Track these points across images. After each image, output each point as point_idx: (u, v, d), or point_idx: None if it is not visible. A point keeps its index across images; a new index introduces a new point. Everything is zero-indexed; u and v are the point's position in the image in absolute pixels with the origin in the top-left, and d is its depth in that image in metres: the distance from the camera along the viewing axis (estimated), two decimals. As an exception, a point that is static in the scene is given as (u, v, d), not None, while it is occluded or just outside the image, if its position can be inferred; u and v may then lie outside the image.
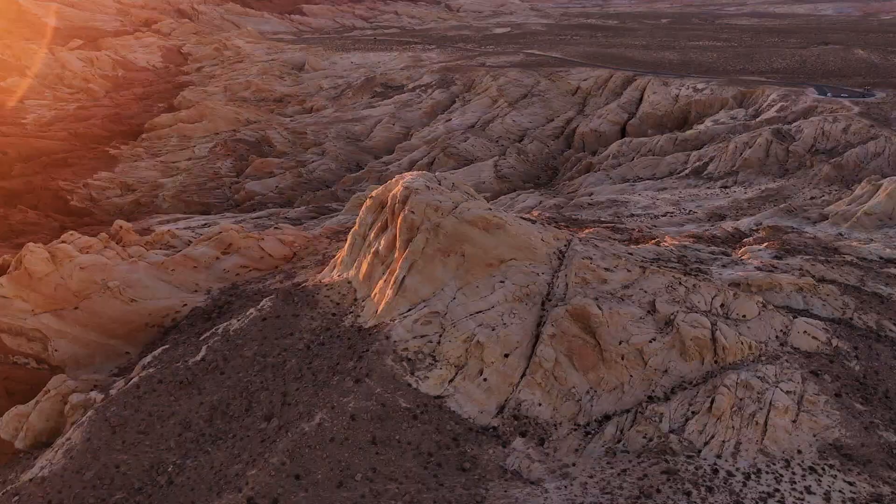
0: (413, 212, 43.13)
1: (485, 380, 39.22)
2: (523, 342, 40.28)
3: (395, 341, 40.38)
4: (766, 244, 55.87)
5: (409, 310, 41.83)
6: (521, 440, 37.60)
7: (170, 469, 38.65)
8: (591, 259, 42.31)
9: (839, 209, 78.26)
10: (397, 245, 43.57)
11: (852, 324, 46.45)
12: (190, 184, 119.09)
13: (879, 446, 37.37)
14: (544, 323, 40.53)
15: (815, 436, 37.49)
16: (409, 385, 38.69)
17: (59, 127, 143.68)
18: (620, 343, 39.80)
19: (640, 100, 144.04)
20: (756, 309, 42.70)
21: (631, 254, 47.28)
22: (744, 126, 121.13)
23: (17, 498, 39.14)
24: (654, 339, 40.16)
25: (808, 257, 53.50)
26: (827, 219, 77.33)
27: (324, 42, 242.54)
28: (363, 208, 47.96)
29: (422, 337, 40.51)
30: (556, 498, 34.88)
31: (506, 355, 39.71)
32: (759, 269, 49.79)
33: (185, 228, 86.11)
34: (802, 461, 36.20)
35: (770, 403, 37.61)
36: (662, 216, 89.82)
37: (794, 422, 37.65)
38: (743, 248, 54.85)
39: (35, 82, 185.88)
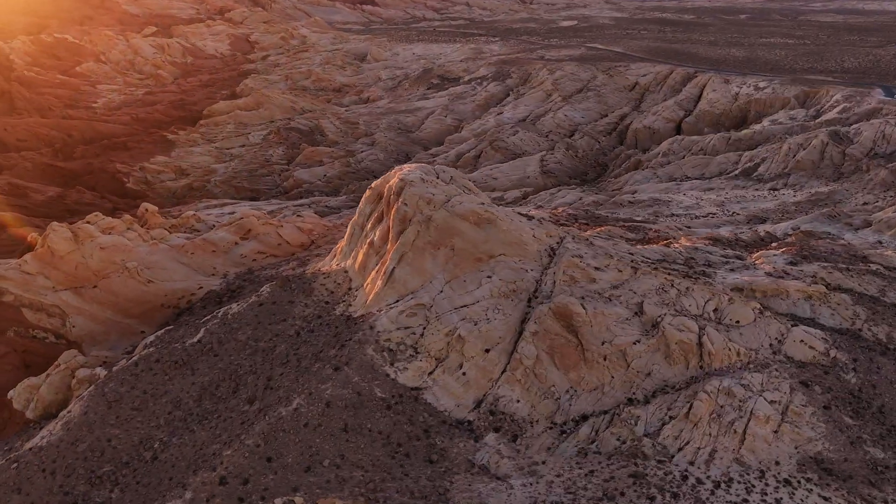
0: (406, 204, 43.48)
1: (464, 374, 39.38)
2: (506, 338, 40.24)
3: (378, 331, 40.87)
4: (783, 249, 54.25)
5: (397, 301, 42.25)
6: (494, 435, 37.65)
7: (156, 445, 40.06)
8: (582, 257, 41.91)
9: (885, 216, 75.23)
10: (390, 236, 44.01)
11: (860, 335, 44.80)
12: (241, 170, 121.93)
13: (864, 462, 36.10)
14: (528, 320, 40.40)
15: (796, 448, 36.46)
16: (388, 375, 39.12)
17: (125, 111, 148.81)
18: (603, 343, 39.39)
19: (699, 97, 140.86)
20: (751, 315, 41.63)
21: (632, 254, 46.60)
22: (801, 127, 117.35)
23: (15, 465, 41.17)
24: (639, 342, 39.61)
25: (826, 264, 51.70)
26: (870, 225, 74.46)
27: (389, 33, 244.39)
28: (363, 199, 48.56)
29: (406, 328, 40.88)
30: (519, 495, 34.86)
31: (486, 350, 39.76)
32: (769, 274, 48.42)
33: (229, 213, 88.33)
34: (778, 473, 35.27)
35: (751, 412, 36.71)
36: (703, 217, 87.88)
37: (775, 432, 36.67)
38: (758, 253, 53.36)
39: (108, 68, 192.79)
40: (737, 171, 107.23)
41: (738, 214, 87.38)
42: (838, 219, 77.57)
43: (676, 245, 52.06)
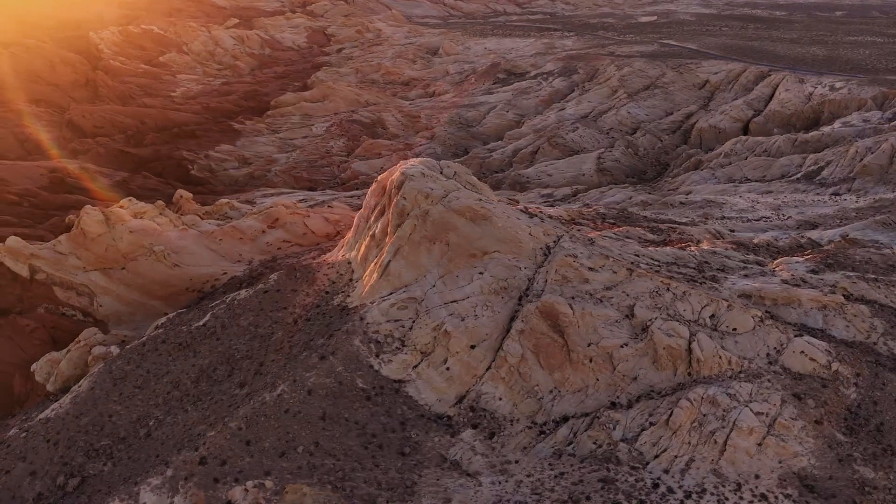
0: (405, 198, 43.77)
1: (447, 369, 39.48)
2: (493, 335, 40.12)
3: (368, 323, 41.34)
4: (808, 256, 52.17)
5: (391, 294, 42.64)
6: (471, 432, 37.64)
7: (151, 423, 41.62)
8: (576, 257, 41.36)
9: (944, 226, 71.43)
10: (389, 230, 44.39)
11: (874, 349, 42.76)
12: (302, 161, 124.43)
13: (850, 481, 34.58)
14: (517, 318, 40.18)
15: (780, 462, 35.21)
16: (371, 367, 39.56)
17: (197, 101, 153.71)
18: (589, 345, 38.85)
19: (771, 97, 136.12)
20: (751, 323, 40.30)
21: (637, 256, 45.68)
22: (874, 130, 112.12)
23: (24, 434, 43.45)
24: (626, 345, 38.89)
25: (852, 274, 49.44)
26: (927, 235, 70.78)
27: (465, 27, 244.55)
28: (369, 191, 49.11)
29: (395, 321, 41.23)
30: (487, 492, 34.80)
31: (472, 347, 39.73)
32: (784, 282, 46.70)
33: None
34: (756, 487, 34.15)
35: (734, 423, 35.62)
36: (754, 221, 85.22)
37: (759, 445, 35.47)
38: (779, 259, 51.47)
39: (189, 58, 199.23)
40: (799, 175, 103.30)
41: (790, 219, 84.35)
42: (893, 227, 73.98)
43: (693, 248, 50.73)
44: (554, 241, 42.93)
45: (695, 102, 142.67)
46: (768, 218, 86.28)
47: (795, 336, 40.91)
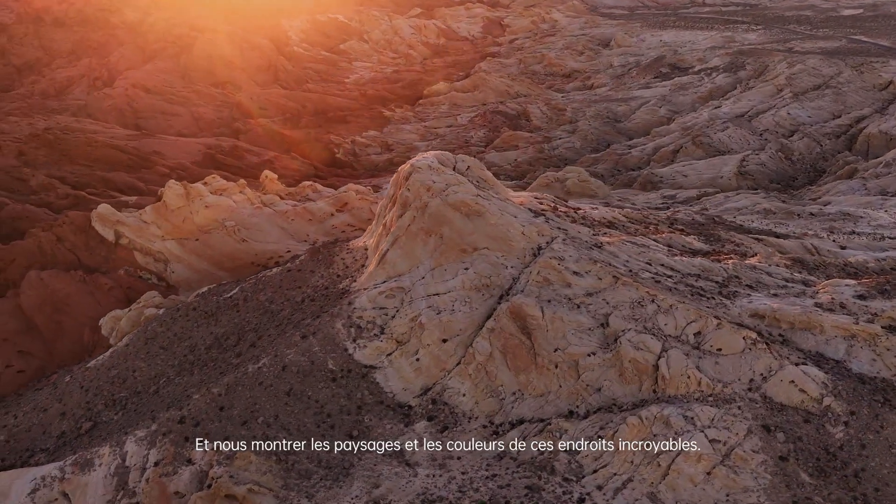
0: (408, 189, 44.55)
1: (417, 360, 40.07)
2: (467, 331, 40.17)
3: (354, 308, 42.70)
4: (863, 280, 47.15)
5: (384, 282, 43.72)
6: (424, 424, 38.09)
7: (162, 381, 45.52)
8: (562, 260, 40.32)
9: None
10: (394, 219, 45.41)
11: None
12: (439, 149, 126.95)
13: (796, 527, 31.59)
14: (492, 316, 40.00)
15: (727, 495, 32.82)
16: (346, 350, 40.93)
17: (358, 88, 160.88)
18: (556, 350, 37.93)
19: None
20: (740, 344, 37.49)
21: (649, 263, 43.62)
22: None
23: (68, 378, 48.99)
24: (594, 354, 37.59)
25: (912, 303, 44.22)
26: None
27: (648, 18, 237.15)
28: (391, 180, 50.16)
29: (380, 308, 42.30)
30: (417, 484, 35.23)
31: (444, 340, 40.01)
32: (817, 305, 42.73)
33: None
34: (689, 517, 32.12)
35: (682, 447, 33.59)
36: (889, 239, 77.35)
37: (707, 473, 33.25)
38: (827, 281, 46.90)
39: (368, 46, 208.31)
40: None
41: (928, 240, 75.45)
42: None
43: (730, 261, 47.53)
44: (547, 242, 42.07)
45: (870, 105, 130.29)
46: (906, 237, 77.93)
47: (796, 364, 37.56)
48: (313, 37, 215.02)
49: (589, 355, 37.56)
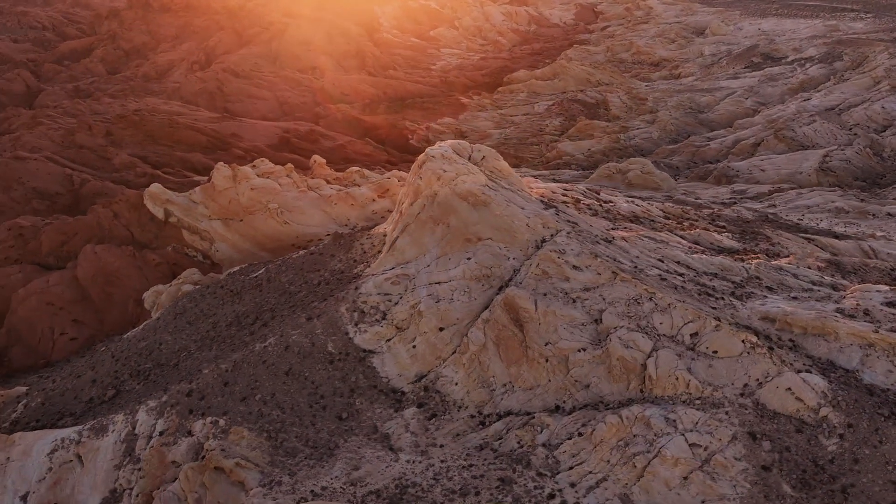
0: (420, 178, 44.81)
1: (414, 347, 40.47)
2: (464, 321, 40.27)
3: (360, 293, 43.39)
4: (893, 287, 44.46)
5: (392, 268, 44.21)
6: (413, 410, 38.47)
7: (183, 355, 47.50)
8: (562, 253, 39.80)
9: None
10: (405, 207, 45.77)
11: (909, 401, 36.13)
12: (513, 137, 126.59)
13: (768, 539, 30.40)
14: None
15: (702, 501, 31.88)
16: (346, 334, 41.70)
17: (440, 74, 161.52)
18: (546, 344, 37.59)
19: None
20: (739, 348, 36.19)
21: (661, 260, 42.53)
22: None
23: (104, 348, 51.75)
24: (584, 350, 37.04)
25: (947, 313, 41.48)
26: None
27: (747, 5, 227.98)
28: (412, 169, 50.46)
29: (385, 294, 42.84)
30: (396, 468, 35.72)
31: (441, 329, 40.25)
32: (839, 310, 40.69)
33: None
34: (658, 521, 31.41)
35: (660, 449, 32.82)
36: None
37: (684, 478, 32.38)
38: (857, 286, 44.43)
39: (457, 33, 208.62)
40: None
41: None
42: None
43: (754, 261, 45.75)
44: (551, 235, 41.61)
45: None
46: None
47: (798, 371, 35.98)
48: (404, 23, 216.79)
49: (579, 351, 37.07)
